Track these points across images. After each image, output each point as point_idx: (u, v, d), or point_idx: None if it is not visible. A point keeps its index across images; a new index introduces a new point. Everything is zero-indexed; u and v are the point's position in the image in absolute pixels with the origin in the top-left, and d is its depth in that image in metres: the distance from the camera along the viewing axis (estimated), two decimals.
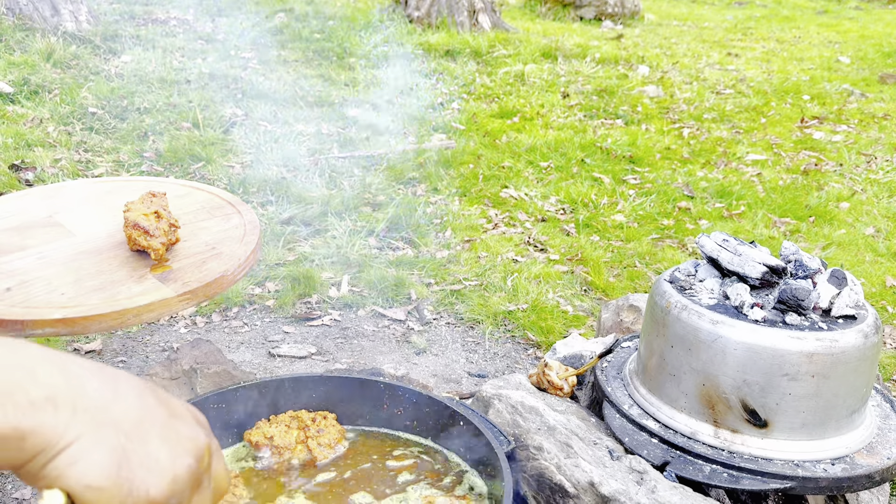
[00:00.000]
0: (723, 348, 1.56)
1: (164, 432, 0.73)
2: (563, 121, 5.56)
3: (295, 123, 4.93)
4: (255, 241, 1.62)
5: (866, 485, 1.55)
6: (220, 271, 1.49)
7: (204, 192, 1.87)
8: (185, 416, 0.77)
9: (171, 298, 1.40)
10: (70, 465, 0.65)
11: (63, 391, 0.67)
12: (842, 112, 6.02)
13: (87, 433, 0.67)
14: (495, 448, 1.38)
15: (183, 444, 0.74)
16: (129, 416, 0.70)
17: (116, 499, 0.67)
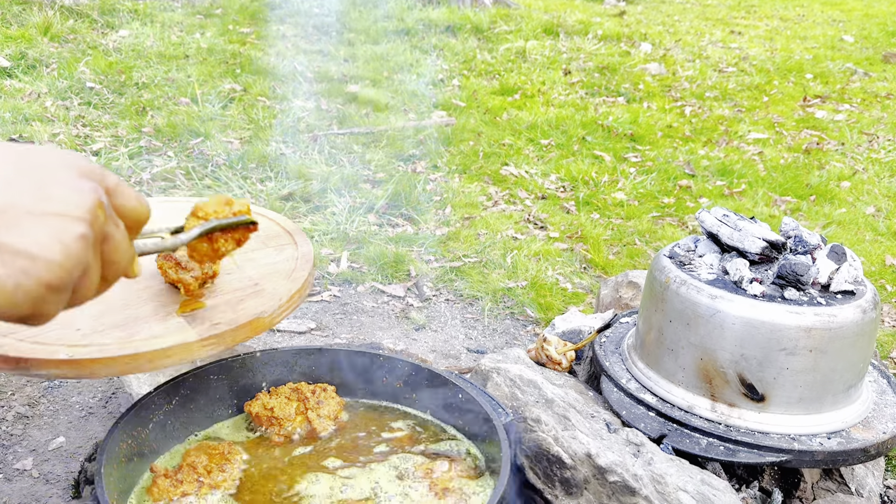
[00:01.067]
0: (721, 323, 1.57)
1: (39, 206, 0.66)
2: (565, 98, 5.53)
3: (294, 99, 4.90)
4: (303, 279, 1.41)
5: (861, 458, 1.56)
6: (255, 313, 1.30)
7: (264, 219, 1.63)
8: (61, 173, 0.69)
9: (192, 343, 1.22)
10: None
11: None
12: (845, 91, 5.99)
13: None
14: (493, 419, 1.39)
15: (65, 213, 0.67)
16: (4, 193, 0.64)
17: (2, 297, 0.64)
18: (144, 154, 4.04)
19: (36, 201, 0.66)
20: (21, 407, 2.08)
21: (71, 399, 2.13)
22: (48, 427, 2.02)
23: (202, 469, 1.32)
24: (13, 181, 0.66)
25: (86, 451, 1.91)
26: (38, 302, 0.66)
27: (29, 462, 1.89)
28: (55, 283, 0.66)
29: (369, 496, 1.34)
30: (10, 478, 1.85)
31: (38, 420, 2.04)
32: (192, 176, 3.83)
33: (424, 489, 1.35)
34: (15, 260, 0.64)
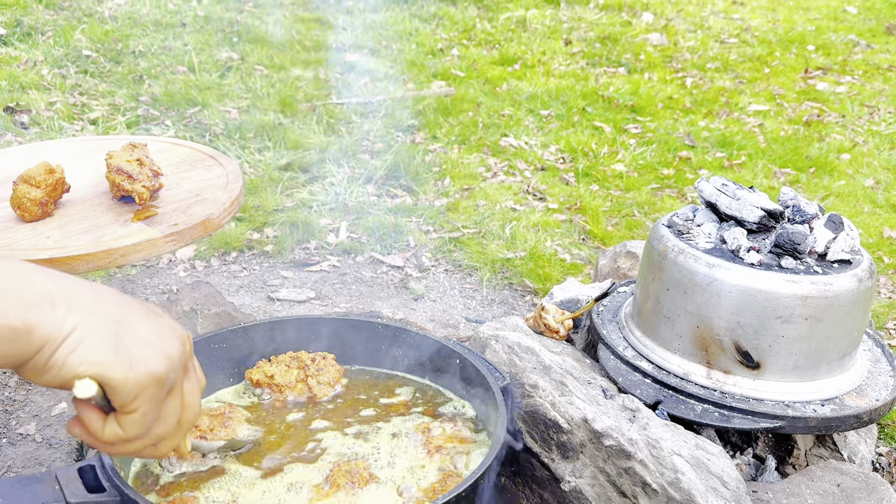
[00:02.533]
0: (718, 291, 1.58)
1: (148, 321, 0.83)
2: (565, 68, 5.49)
3: (292, 68, 4.86)
4: (238, 189, 1.65)
5: (854, 425, 1.59)
6: (204, 215, 1.53)
7: (184, 147, 1.91)
8: (161, 312, 0.87)
9: (157, 238, 1.43)
10: (73, 351, 0.75)
11: (56, 292, 0.76)
12: (846, 63, 5.94)
13: (82, 322, 0.76)
14: (490, 383, 1.41)
15: (167, 331, 0.83)
16: (115, 309, 0.80)
17: (121, 372, 0.77)
18: (142, 123, 4.02)
19: (147, 318, 0.83)
20: None
21: None
22: (50, 393, 2.04)
23: (205, 428, 1.34)
24: (130, 304, 0.84)
25: None
26: (142, 387, 0.80)
27: (32, 427, 1.92)
28: (157, 372, 0.80)
29: (365, 453, 1.36)
30: (13, 442, 1.87)
31: (40, 386, 2.06)
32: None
33: (418, 447, 1.37)
34: (133, 346, 0.79)
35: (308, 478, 1.30)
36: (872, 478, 1.58)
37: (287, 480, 1.29)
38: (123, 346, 0.78)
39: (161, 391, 0.82)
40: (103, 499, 1.10)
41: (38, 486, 1.09)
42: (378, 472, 1.31)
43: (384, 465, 1.33)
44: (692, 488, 1.37)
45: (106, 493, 1.11)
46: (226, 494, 1.26)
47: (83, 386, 0.76)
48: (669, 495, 1.37)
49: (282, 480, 1.29)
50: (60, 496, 1.08)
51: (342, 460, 1.33)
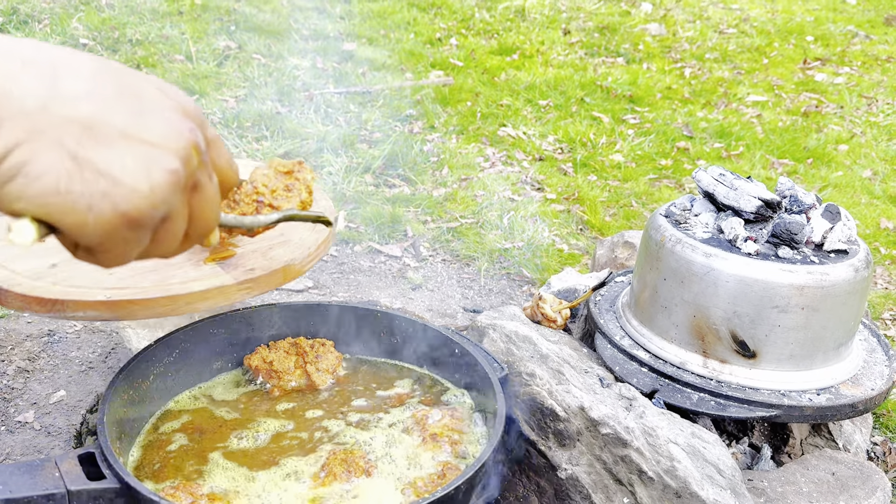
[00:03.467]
0: (715, 281, 1.58)
1: (134, 129, 0.59)
2: (564, 58, 5.47)
3: (289, 57, 4.84)
4: (327, 230, 1.46)
5: (849, 414, 1.60)
6: (286, 260, 1.33)
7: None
8: (161, 104, 0.63)
9: (229, 286, 1.23)
10: (8, 181, 0.55)
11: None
12: (845, 54, 5.93)
13: (22, 143, 0.55)
14: (489, 373, 1.41)
15: (160, 144, 0.60)
16: (77, 116, 0.57)
17: (72, 215, 0.57)
18: None
19: (130, 125, 0.59)
20: (21, 361, 2.10)
21: (71, 354, 2.15)
22: (48, 381, 2.04)
23: (264, 192, 1.12)
24: (111, 100, 0.59)
25: (86, 404, 1.94)
26: (109, 233, 0.60)
27: (30, 415, 1.92)
28: (133, 215, 0.59)
29: (362, 442, 1.36)
30: (11, 430, 1.87)
31: (38, 374, 2.07)
32: None
33: (416, 436, 1.38)
34: (97, 180, 0.57)
35: (304, 467, 1.30)
36: (867, 466, 1.60)
37: (284, 469, 1.30)
38: (80, 178, 0.56)
39: (141, 232, 0.62)
40: (103, 486, 1.11)
41: (38, 473, 1.09)
42: (375, 461, 1.32)
43: (381, 453, 1.34)
44: (688, 476, 1.38)
45: (106, 481, 1.12)
46: (226, 482, 1.27)
47: (20, 230, 0.57)
48: (665, 483, 1.38)
49: (279, 469, 1.30)
50: (61, 483, 1.09)
51: (338, 449, 1.34)
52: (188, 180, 0.64)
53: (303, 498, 1.23)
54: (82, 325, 2.29)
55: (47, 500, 1.07)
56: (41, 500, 1.07)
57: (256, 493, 1.24)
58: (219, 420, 1.43)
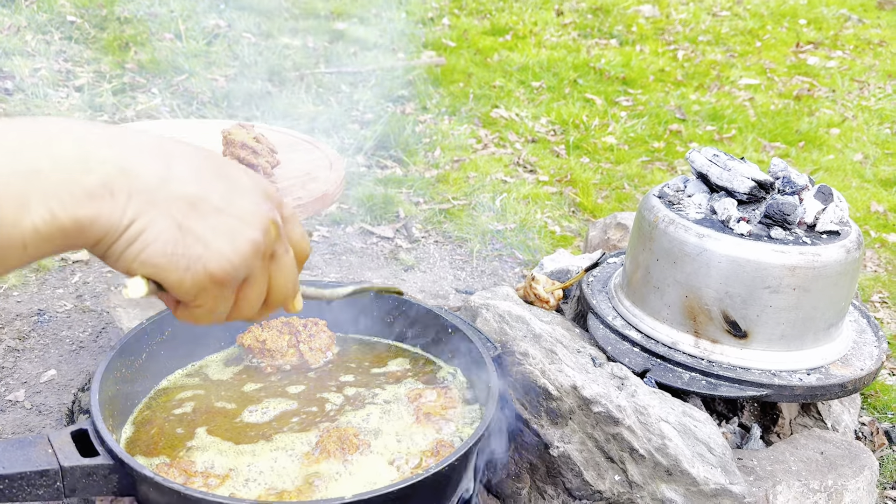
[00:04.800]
0: (707, 261, 1.59)
1: (225, 206, 0.73)
2: (557, 40, 5.44)
3: (280, 36, 4.79)
4: (342, 169, 1.74)
5: (839, 393, 1.61)
6: (322, 191, 1.61)
7: (279, 133, 1.97)
8: (249, 188, 0.77)
9: None
10: (129, 246, 0.69)
11: (117, 178, 0.67)
12: (838, 37, 5.93)
13: (143, 214, 0.68)
14: (482, 353, 1.41)
15: (244, 218, 0.74)
16: (184, 194, 0.71)
17: (175, 273, 0.71)
18: (128, 90, 3.96)
19: (224, 203, 0.74)
20: (11, 340, 2.09)
21: (61, 333, 2.14)
22: (39, 360, 2.03)
23: None
24: (211, 182, 0.74)
25: (78, 383, 1.93)
26: (201, 290, 0.73)
27: (21, 394, 1.91)
28: (219, 275, 0.73)
29: (355, 420, 1.37)
30: (2, 409, 1.87)
31: (28, 353, 2.05)
32: (177, 113, 3.77)
33: (409, 415, 1.38)
34: (195, 245, 0.71)
35: (298, 444, 1.31)
36: (855, 446, 1.62)
37: (277, 446, 1.30)
38: (184, 243, 0.71)
39: (226, 290, 0.75)
40: (97, 462, 1.10)
41: (31, 450, 1.09)
42: (368, 439, 1.32)
43: (375, 431, 1.34)
44: (679, 454, 1.39)
45: (100, 457, 1.11)
46: (219, 459, 1.27)
47: (133, 285, 0.72)
48: (656, 460, 1.40)
49: (272, 446, 1.30)
50: (54, 459, 1.09)
51: (332, 426, 1.34)
52: (267, 249, 0.78)
53: (297, 475, 1.23)
54: (73, 305, 2.27)
55: (40, 477, 1.07)
56: (34, 476, 1.06)
57: (249, 470, 1.24)
58: (212, 398, 1.43)
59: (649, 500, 1.41)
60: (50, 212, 0.64)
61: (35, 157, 0.64)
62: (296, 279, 0.84)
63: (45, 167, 0.64)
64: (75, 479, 1.10)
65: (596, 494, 1.44)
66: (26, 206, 0.63)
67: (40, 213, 0.64)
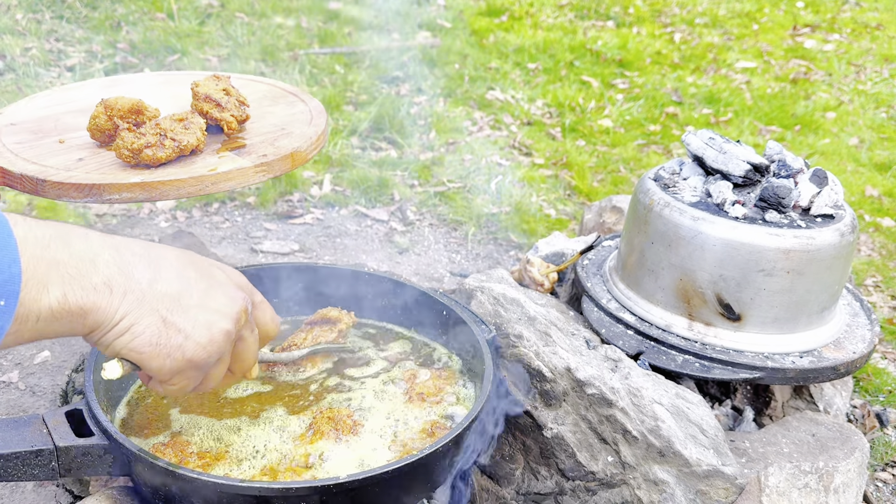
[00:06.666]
0: (702, 244, 1.59)
1: (203, 302, 0.89)
2: (553, 21, 5.41)
3: (273, 16, 4.75)
4: (322, 124, 1.61)
5: (831, 376, 1.62)
6: (293, 147, 1.49)
7: (264, 84, 1.85)
8: (224, 283, 0.93)
9: (247, 168, 1.39)
10: (119, 336, 0.84)
11: (116, 278, 0.82)
12: (835, 21, 5.91)
13: (133, 311, 0.83)
14: (477, 335, 1.42)
15: (220, 311, 0.90)
16: (169, 293, 0.86)
17: (157, 360, 0.86)
18: (120, 70, 3.93)
19: (203, 298, 0.89)
20: None
21: None
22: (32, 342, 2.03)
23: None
24: (193, 280, 0.89)
25: (71, 364, 1.93)
26: (178, 372, 0.89)
27: (14, 375, 1.91)
28: (196, 360, 0.89)
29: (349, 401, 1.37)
30: None
31: None
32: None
33: (403, 396, 1.39)
34: (176, 336, 0.87)
35: (292, 425, 1.31)
36: (846, 428, 1.63)
37: (271, 427, 1.30)
38: (166, 335, 0.86)
39: (200, 371, 0.91)
40: (91, 442, 1.10)
41: (25, 429, 1.09)
42: (362, 419, 1.32)
43: (369, 412, 1.35)
44: (671, 435, 1.40)
45: (94, 437, 1.11)
46: (214, 439, 1.27)
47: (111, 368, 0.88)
48: (649, 442, 1.40)
49: (266, 426, 1.30)
50: (48, 439, 1.08)
51: (326, 407, 1.35)
52: (237, 336, 0.94)
53: (290, 455, 1.24)
54: None
55: (35, 456, 1.07)
56: (29, 455, 1.06)
57: (244, 449, 1.24)
58: None
59: (642, 480, 1.42)
60: (64, 296, 0.78)
61: (58, 250, 0.78)
62: (255, 355, 1.00)
63: (64, 259, 0.78)
64: (70, 458, 1.10)
65: (589, 475, 1.45)
66: (46, 288, 0.76)
67: (56, 295, 0.77)
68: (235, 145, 1.49)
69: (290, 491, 1.06)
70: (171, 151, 1.38)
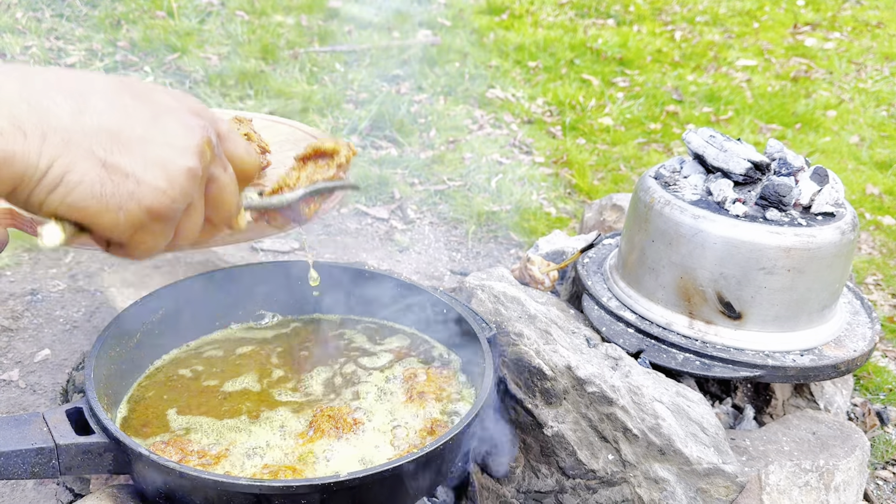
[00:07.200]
0: (702, 242, 1.59)
1: (151, 134, 0.67)
2: (553, 19, 5.40)
3: (273, 14, 4.74)
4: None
5: (831, 374, 1.62)
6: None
7: (286, 126, 1.79)
8: (175, 109, 0.71)
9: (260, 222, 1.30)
10: (52, 191, 0.63)
11: (28, 116, 0.62)
12: (836, 19, 5.90)
13: (61, 155, 0.63)
14: (478, 333, 1.42)
15: (175, 144, 0.68)
16: (104, 128, 0.65)
17: (107, 216, 0.66)
18: (120, 69, 3.92)
19: (149, 129, 0.67)
20: (4, 320, 2.08)
21: (55, 313, 2.13)
22: (32, 340, 2.03)
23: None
24: (129, 108, 0.67)
25: (72, 362, 1.93)
26: (138, 228, 0.68)
27: (15, 373, 1.91)
28: (158, 210, 0.68)
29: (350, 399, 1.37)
30: None
31: (22, 333, 2.05)
32: None
33: (403, 394, 1.39)
34: (124, 182, 0.66)
35: (292, 423, 1.31)
36: (847, 426, 1.63)
37: (272, 426, 1.30)
38: (111, 182, 0.65)
39: (166, 224, 0.70)
40: (92, 440, 1.10)
41: (26, 428, 1.09)
42: (362, 418, 1.32)
43: (369, 410, 1.35)
44: (672, 434, 1.40)
45: (95, 436, 1.11)
46: (214, 437, 1.27)
47: (49, 233, 0.65)
48: (650, 440, 1.40)
49: (267, 425, 1.30)
50: (49, 437, 1.08)
51: (326, 406, 1.35)
52: (205, 174, 0.72)
53: (291, 454, 1.24)
54: (66, 285, 2.26)
55: (36, 455, 1.07)
56: (29, 453, 1.06)
57: (244, 449, 1.24)
58: (208, 376, 1.43)
59: (642, 479, 1.42)
60: None
61: None
62: (235, 198, 0.80)
63: None
64: (70, 457, 1.10)
65: (589, 473, 1.45)
66: None
67: None
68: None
69: (291, 489, 1.06)
70: None
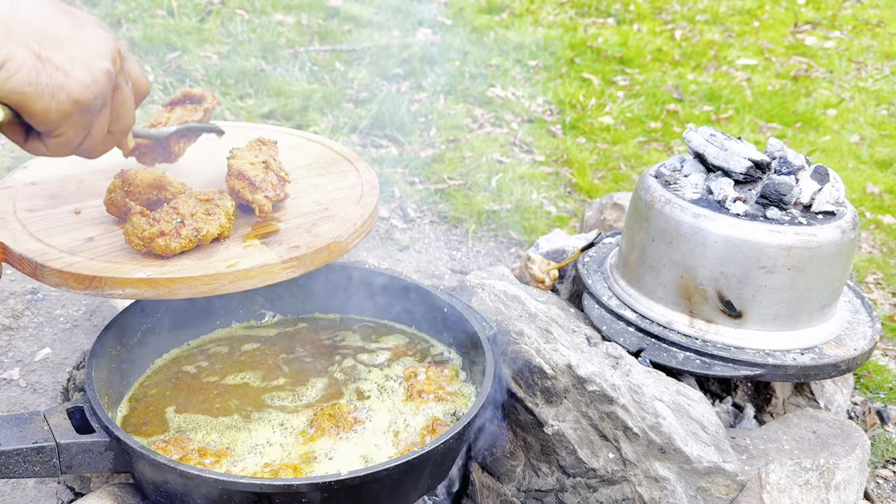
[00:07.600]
0: (703, 241, 1.59)
1: (75, 37, 0.78)
2: (554, 18, 5.40)
3: (273, 13, 4.74)
4: (373, 204, 1.41)
5: (832, 373, 1.62)
6: (332, 237, 1.28)
7: (318, 145, 1.65)
8: (91, 21, 0.82)
9: (274, 265, 1.20)
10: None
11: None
12: (836, 17, 5.90)
13: (3, 44, 0.72)
14: (478, 332, 1.42)
15: (95, 49, 0.80)
16: (37, 25, 0.75)
17: (41, 101, 0.76)
18: None
19: (74, 33, 0.79)
20: (5, 319, 2.08)
21: (55, 312, 2.13)
22: (33, 339, 2.03)
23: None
24: (55, 15, 0.78)
25: (72, 361, 1.93)
26: (65, 117, 0.79)
27: (15, 372, 1.91)
28: (82, 101, 0.79)
29: (350, 398, 1.37)
30: None
31: (22, 332, 2.05)
32: (170, 91, 3.73)
33: (403, 393, 1.39)
34: (55, 73, 0.76)
35: (293, 422, 1.31)
36: (847, 425, 1.63)
37: (272, 424, 1.30)
38: (45, 72, 0.75)
39: (86, 116, 0.81)
40: (93, 439, 1.10)
41: (26, 427, 1.09)
42: (363, 416, 1.32)
43: (369, 409, 1.35)
44: (672, 432, 1.40)
45: (95, 434, 1.11)
46: (215, 436, 1.27)
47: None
48: (650, 439, 1.41)
49: (267, 424, 1.30)
50: (50, 436, 1.09)
51: (327, 404, 1.35)
52: (114, 80, 0.84)
53: (292, 453, 1.24)
54: None
55: (37, 453, 1.07)
56: (31, 452, 1.06)
57: (245, 447, 1.24)
58: (209, 375, 1.43)
59: (643, 477, 1.42)
60: None
61: None
62: (133, 112, 0.91)
63: None
64: (71, 455, 1.10)
65: (590, 472, 1.46)
66: None
67: None
68: (267, 230, 1.30)
69: (291, 488, 1.06)
70: (187, 242, 1.19)
